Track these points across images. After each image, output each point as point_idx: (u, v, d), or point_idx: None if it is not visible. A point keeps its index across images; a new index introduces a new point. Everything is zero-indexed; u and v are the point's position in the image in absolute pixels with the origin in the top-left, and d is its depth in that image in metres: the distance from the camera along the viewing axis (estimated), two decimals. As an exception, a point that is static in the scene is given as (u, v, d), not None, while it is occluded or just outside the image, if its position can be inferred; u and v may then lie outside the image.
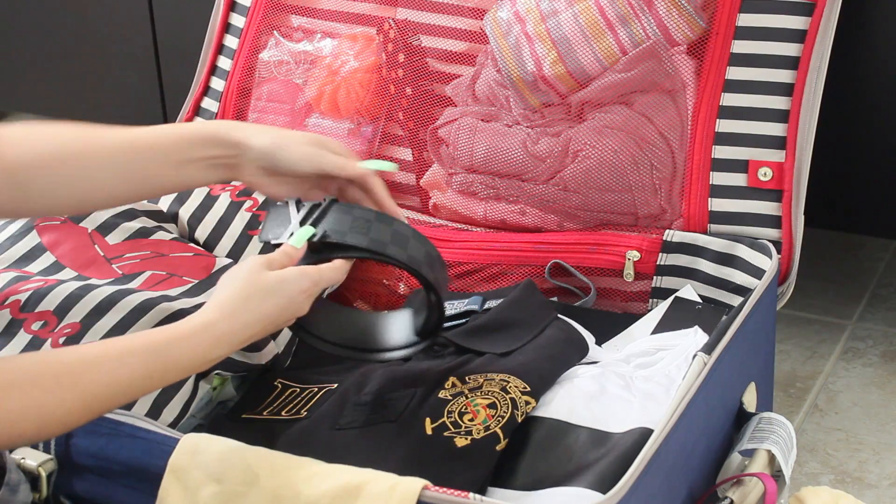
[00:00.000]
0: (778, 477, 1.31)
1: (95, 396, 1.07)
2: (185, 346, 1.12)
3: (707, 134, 1.53)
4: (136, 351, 1.10)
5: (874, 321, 1.94)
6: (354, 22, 1.71)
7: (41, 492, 1.18)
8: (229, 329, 1.14)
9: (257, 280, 1.17)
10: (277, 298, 1.17)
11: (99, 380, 1.07)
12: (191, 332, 1.13)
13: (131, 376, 1.09)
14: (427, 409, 1.29)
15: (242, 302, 1.16)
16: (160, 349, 1.11)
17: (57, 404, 1.05)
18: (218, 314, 1.15)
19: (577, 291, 1.57)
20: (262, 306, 1.16)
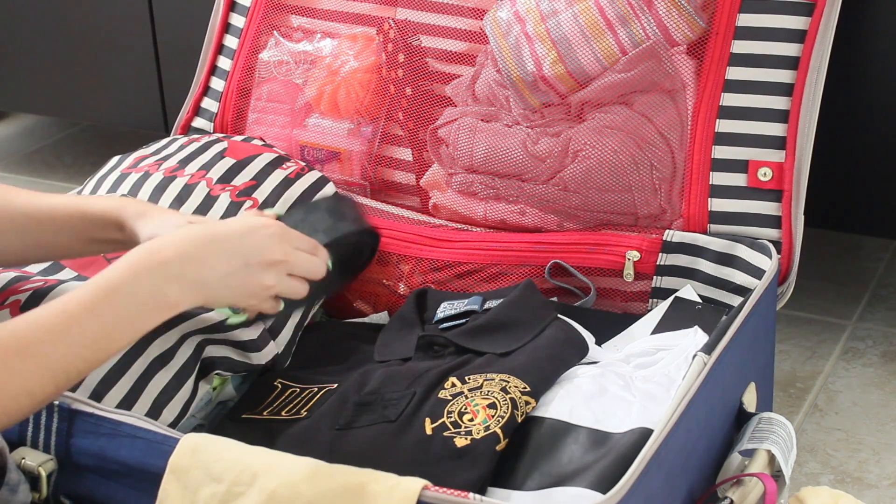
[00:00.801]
0: (778, 477, 1.31)
1: (52, 358, 1.03)
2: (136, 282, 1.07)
3: (707, 134, 1.53)
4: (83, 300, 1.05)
5: (874, 321, 1.94)
6: (354, 22, 1.71)
7: (41, 492, 1.18)
8: (182, 258, 1.09)
9: (213, 221, 1.15)
10: (232, 224, 1.14)
11: (50, 339, 1.03)
12: (141, 264, 1.08)
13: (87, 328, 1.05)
14: (427, 409, 1.29)
15: (198, 233, 1.12)
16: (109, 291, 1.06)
17: (11, 374, 1.01)
18: (169, 244, 1.10)
19: (577, 291, 1.57)
20: (219, 238, 1.12)
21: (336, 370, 1.44)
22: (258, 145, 1.66)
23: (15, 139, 2.68)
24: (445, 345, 1.42)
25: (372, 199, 1.69)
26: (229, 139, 1.67)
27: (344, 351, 1.49)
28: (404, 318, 1.50)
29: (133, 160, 1.63)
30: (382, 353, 1.45)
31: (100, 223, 1.27)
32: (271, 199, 1.56)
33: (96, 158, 2.54)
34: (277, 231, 1.17)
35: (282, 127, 1.74)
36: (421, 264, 1.61)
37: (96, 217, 1.27)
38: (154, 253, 1.09)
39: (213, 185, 1.56)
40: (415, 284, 1.60)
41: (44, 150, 2.63)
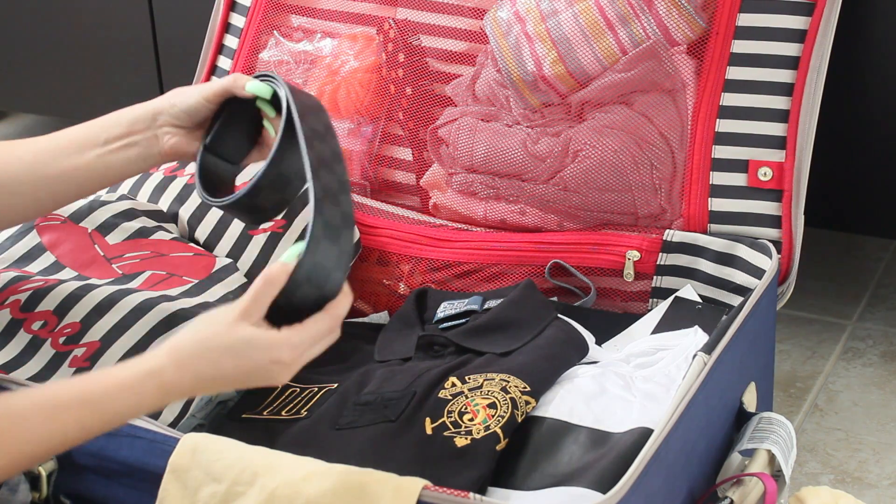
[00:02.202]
0: (778, 477, 1.31)
1: (23, 454, 1.01)
2: (125, 396, 1.03)
3: (707, 134, 1.53)
4: (70, 405, 1.02)
5: (874, 321, 1.94)
6: (354, 22, 1.71)
7: (41, 491, 1.17)
8: (177, 380, 1.04)
9: (224, 332, 1.05)
10: (239, 360, 1.05)
11: (28, 438, 1.01)
12: (134, 379, 1.04)
13: (64, 432, 1.02)
14: (427, 409, 1.29)
15: (199, 353, 1.05)
16: (96, 401, 1.03)
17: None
18: (167, 360, 1.05)
19: (577, 291, 1.57)
20: (219, 363, 1.05)
21: (336, 370, 1.44)
22: (258, 145, 1.65)
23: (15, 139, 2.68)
24: (445, 344, 1.42)
25: (372, 199, 1.69)
26: (229, 139, 1.67)
27: (344, 351, 1.49)
28: (404, 318, 1.50)
29: (133, 160, 1.62)
30: (382, 352, 1.45)
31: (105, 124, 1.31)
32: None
33: (96, 158, 2.54)
34: (286, 360, 1.07)
35: (282, 127, 1.74)
36: (421, 264, 1.61)
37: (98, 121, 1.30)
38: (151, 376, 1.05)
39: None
40: (415, 284, 1.60)
41: (44, 149, 2.62)
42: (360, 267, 1.63)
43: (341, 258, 1.11)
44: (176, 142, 1.29)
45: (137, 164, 1.28)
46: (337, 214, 1.12)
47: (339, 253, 1.11)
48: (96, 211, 1.48)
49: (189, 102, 1.29)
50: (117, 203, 1.51)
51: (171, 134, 1.29)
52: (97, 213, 1.48)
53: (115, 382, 1.04)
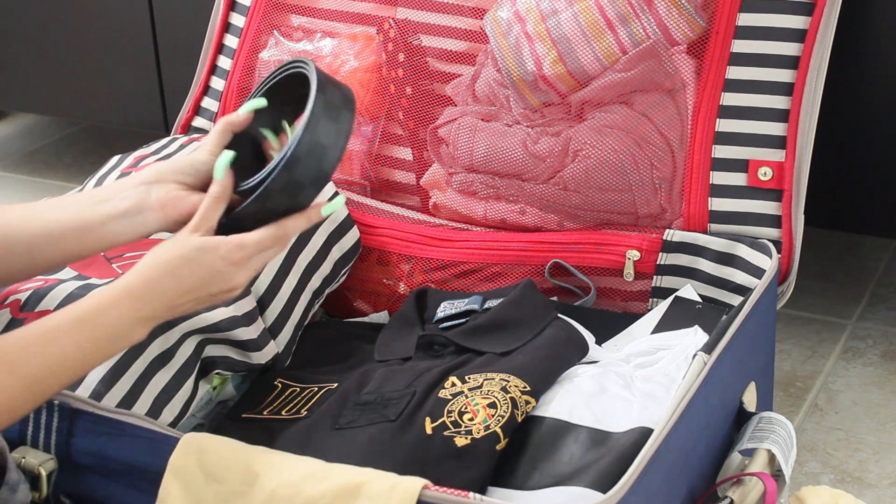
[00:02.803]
0: (778, 476, 1.31)
1: (34, 377, 1.07)
2: (110, 313, 1.11)
3: (707, 133, 1.53)
4: (61, 326, 1.09)
5: (874, 321, 1.94)
6: (354, 21, 1.71)
7: (41, 491, 1.17)
8: (149, 292, 1.12)
9: (178, 246, 1.14)
10: (194, 266, 1.14)
11: (32, 361, 1.07)
12: (113, 297, 1.11)
13: (63, 352, 1.09)
14: (427, 409, 1.29)
15: (161, 268, 1.13)
16: (86, 319, 1.10)
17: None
18: (136, 277, 1.13)
19: (577, 291, 1.57)
20: (178, 273, 1.13)
21: (336, 370, 1.44)
22: (258, 145, 1.65)
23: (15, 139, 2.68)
24: (445, 344, 1.42)
25: (372, 198, 1.69)
26: (229, 139, 1.66)
27: (344, 350, 1.49)
28: (404, 318, 1.50)
29: (133, 159, 1.62)
30: (382, 352, 1.45)
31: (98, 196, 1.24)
32: None
33: (96, 158, 2.54)
34: (234, 259, 1.15)
35: (282, 126, 1.74)
36: (421, 264, 1.61)
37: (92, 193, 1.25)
38: (127, 292, 1.13)
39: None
40: (415, 284, 1.60)
41: (44, 149, 2.63)
42: (359, 267, 1.63)
43: (339, 137, 1.14)
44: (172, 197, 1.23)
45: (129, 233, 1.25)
46: (338, 94, 1.15)
47: (336, 131, 1.14)
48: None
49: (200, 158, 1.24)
50: (117, 203, 1.50)
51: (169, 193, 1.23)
52: (97, 213, 1.48)
53: (99, 302, 1.11)
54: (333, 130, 1.15)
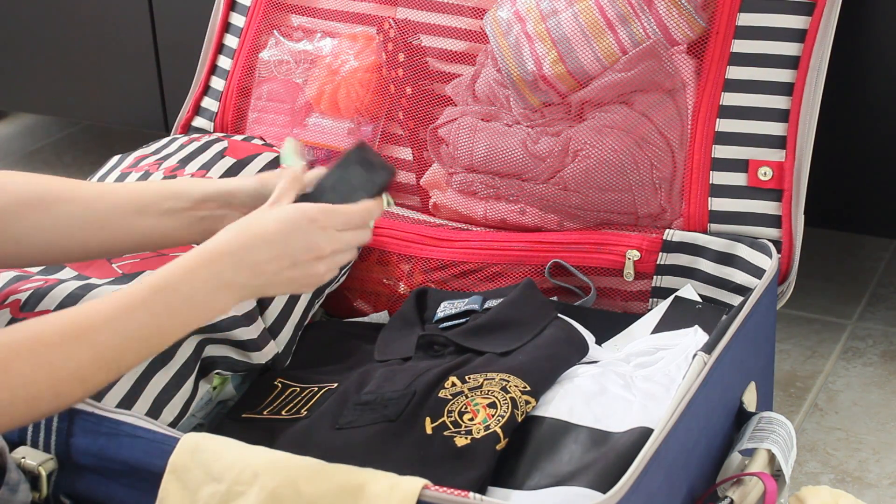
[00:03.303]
0: (778, 476, 1.31)
1: (106, 346, 1.05)
2: (186, 279, 1.09)
3: (707, 133, 1.53)
4: (136, 294, 1.07)
5: (874, 321, 1.94)
6: (354, 21, 1.71)
7: (41, 491, 1.17)
8: (231, 256, 1.11)
9: (261, 213, 1.14)
10: (281, 226, 1.13)
11: (104, 329, 1.05)
12: (189, 263, 1.09)
13: (138, 321, 1.07)
14: (427, 409, 1.29)
15: (243, 232, 1.12)
16: (160, 287, 1.08)
17: (66, 358, 1.03)
18: (215, 243, 1.11)
19: (577, 291, 1.57)
20: (266, 235, 1.12)
21: (336, 370, 1.44)
22: (258, 145, 1.66)
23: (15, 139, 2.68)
24: (445, 344, 1.42)
25: (372, 198, 1.69)
26: (229, 139, 1.67)
27: (344, 350, 1.49)
28: (404, 318, 1.50)
29: (133, 160, 1.63)
30: (382, 352, 1.45)
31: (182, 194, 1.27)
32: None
33: (96, 158, 2.54)
34: (321, 222, 1.16)
35: (282, 126, 1.74)
36: (421, 264, 1.61)
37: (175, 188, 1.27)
38: (207, 258, 1.11)
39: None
40: (415, 284, 1.60)
41: (44, 150, 2.63)
42: (359, 267, 1.63)
43: (369, 184, 1.20)
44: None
45: (193, 238, 1.28)
46: (376, 156, 1.23)
47: (368, 178, 1.20)
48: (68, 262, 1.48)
49: (253, 186, 1.27)
50: (117, 203, 1.50)
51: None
52: (97, 213, 1.48)
53: (174, 267, 1.09)
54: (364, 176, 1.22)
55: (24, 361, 1.01)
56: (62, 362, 1.03)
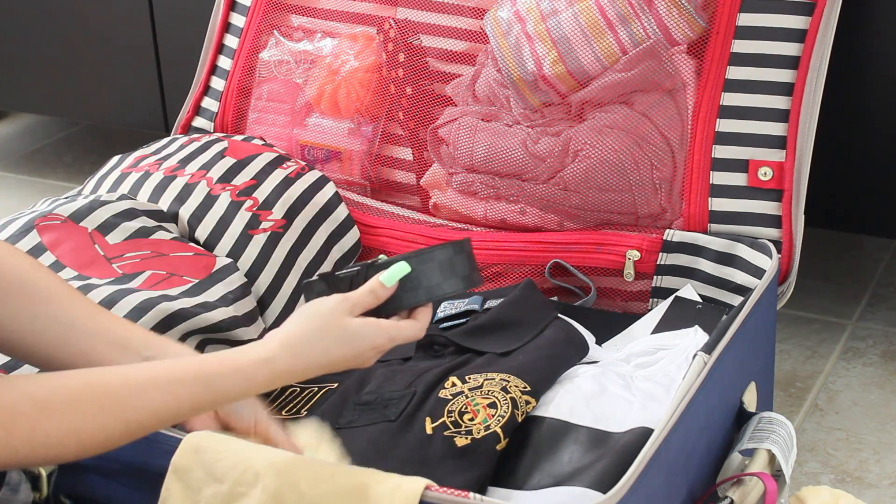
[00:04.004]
0: (778, 476, 1.31)
1: (139, 423, 1.05)
2: (238, 379, 1.08)
3: (707, 133, 1.53)
4: (185, 380, 1.06)
5: (874, 321, 1.94)
6: (354, 21, 1.71)
7: (41, 491, 1.17)
8: (289, 368, 1.10)
9: (335, 324, 1.12)
10: (347, 349, 1.12)
11: (144, 407, 1.05)
12: (248, 365, 1.09)
13: (178, 405, 1.06)
14: (427, 409, 1.29)
15: (312, 343, 1.11)
16: (211, 380, 1.08)
17: (98, 429, 1.03)
18: (281, 351, 1.10)
19: (578, 291, 1.57)
20: (329, 351, 1.12)
21: (336, 370, 1.44)
22: (258, 145, 1.66)
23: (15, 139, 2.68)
24: (446, 344, 1.42)
25: (372, 198, 1.69)
26: (230, 139, 1.67)
27: (344, 350, 1.49)
28: (404, 318, 1.50)
29: (133, 160, 1.63)
30: (383, 352, 1.45)
31: None
32: (271, 199, 1.56)
33: (96, 158, 2.54)
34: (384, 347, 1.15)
35: (282, 126, 1.74)
36: (421, 264, 1.61)
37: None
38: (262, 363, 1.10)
39: (213, 185, 1.56)
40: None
41: (44, 150, 2.63)
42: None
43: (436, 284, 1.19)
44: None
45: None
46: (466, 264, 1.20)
47: (436, 279, 1.19)
48: (96, 211, 1.48)
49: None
50: (117, 203, 1.51)
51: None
52: (97, 213, 1.48)
53: (229, 365, 1.08)
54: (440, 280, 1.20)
55: (56, 423, 1.01)
56: (93, 433, 1.03)
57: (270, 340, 1.11)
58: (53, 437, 1.01)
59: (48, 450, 1.01)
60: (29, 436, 1.00)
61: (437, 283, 1.19)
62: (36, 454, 1.01)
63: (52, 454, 1.02)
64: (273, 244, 1.53)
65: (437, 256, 1.20)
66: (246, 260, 1.51)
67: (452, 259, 1.20)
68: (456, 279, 1.20)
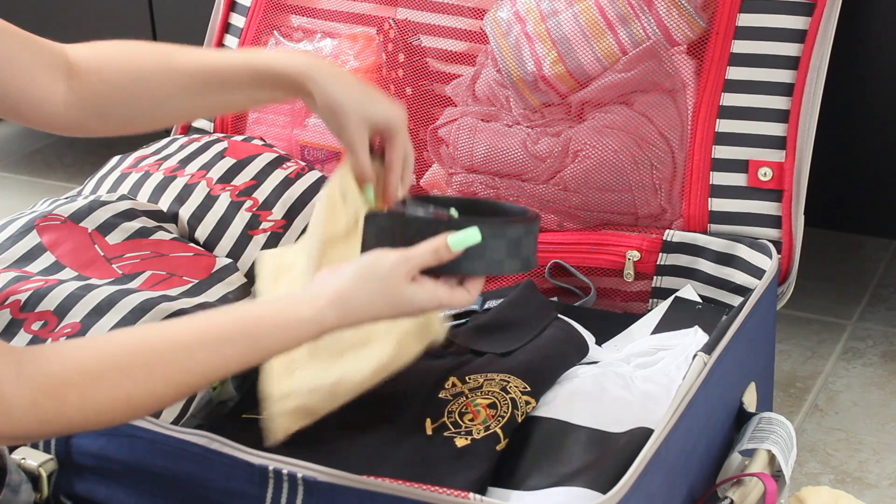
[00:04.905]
0: (778, 477, 1.31)
1: (188, 385, 1.06)
2: (286, 338, 1.09)
3: (707, 134, 1.53)
4: (233, 340, 1.07)
5: (874, 321, 1.94)
6: (354, 22, 1.71)
7: (42, 492, 1.18)
8: (336, 325, 1.11)
9: (392, 290, 1.13)
10: (397, 312, 1.14)
11: (192, 369, 1.05)
12: (296, 323, 1.09)
13: (226, 364, 1.07)
14: (427, 409, 1.29)
15: (363, 305, 1.11)
16: (259, 339, 1.08)
17: (147, 394, 1.04)
18: (330, 311, 1.10)
19: (577, 291, 1.57)
20: (380, 313, 1.12)
21: (336, 370, 1.44)
22: (258, 145, 1.66)
23: (15, 139, 2.68)
24: (446, 345, 1.42)
25: (372, 198, 1.69)
26: (229, 139, 1.67)
27: (344, 351, 1.49)
28: (404, 318, 1.50)
29: (133, 160, 1.63)
30: (383, 352, 1.45)
31: (269, 81, 1.30)
32: (271, 199, 1.56)
33: (96, 158, 2.54)
34: (432, 311, 1.17)
35: (282, 127, 1.74)
36: (421, 264, 1.61)
37: (265, 73, 1.30)
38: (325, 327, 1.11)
39: (213, 185, 1.56)
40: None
41: (44, 150, 2.63)
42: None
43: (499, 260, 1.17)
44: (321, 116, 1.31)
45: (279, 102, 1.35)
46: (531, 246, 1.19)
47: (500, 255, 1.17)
48: (96, 211, 1.48)
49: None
50: (117, 203, 1.51)
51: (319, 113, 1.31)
52: (97, 213, 1.48)
53: (277, 323, 1.09)
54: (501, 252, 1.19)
55: (105, 392, 1.02)
56: (143, 398, 1.04)
57: (318, 297, 1.10)
58: (104, 404, 1.02)
59: (100, 416, 1.02)
60: (80, 405, 1.01)
61: (500, 259, 1.17)
62: (88, 422, 1.02)
63: (104, 420, 1.03)
64: (273, 244, 1.53)
65: (508, 233, 1.17)
66: (246, 260, 1.51)
67: (521, 239, 1.18)
68: (518, 260, 1.18)
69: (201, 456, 1.15)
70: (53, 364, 1.01)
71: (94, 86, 1.27)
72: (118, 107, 1.30)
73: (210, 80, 1.30)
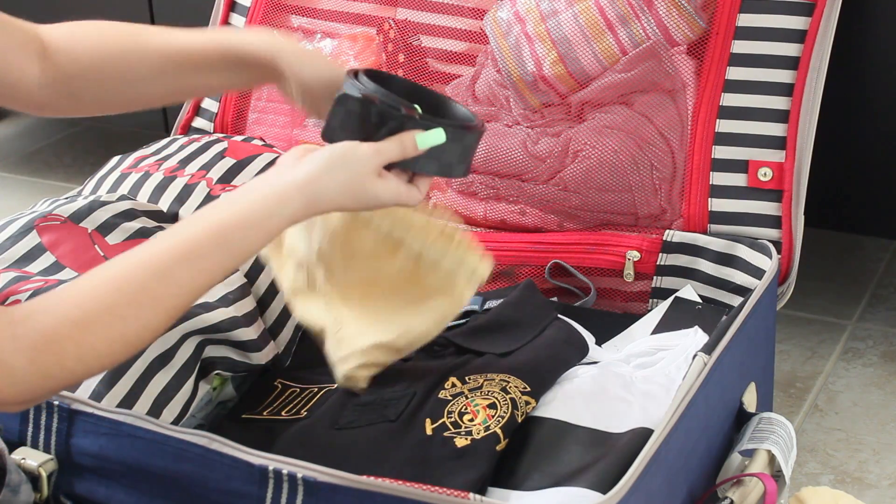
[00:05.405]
0: (778, 477, 1.31)
1: (179, 307, 1.07)
2: (257, 235, 1.10)
3: (707, 134, 1.53)
4: (207, 251, 1.07)
5: (874, 321, 1.94)
6: (354, 22, 1.71)
7: (42, 492, 1.17)
8: (302, 213, 1.12)
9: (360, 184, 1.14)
10: (359, 204, 1.15)
11: (177, 292, 1.06)
12: (268, 218, 1.10)
13: (210, 276, 1.07)
14: (427, 410, 1.29)
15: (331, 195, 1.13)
16: (234, 242, 1.09)
17: (141, 327, 1.04)
18: (298, 197, 1.12)
19: (577, 291, 1.57)
20: (343, 204, 1.14)
21: (336, 370, 1.44)
22: (258, 145, 1.66)
23: (15, 139, 2.68)
24: (445, 345, 1.42)
25: (372, 199, 1.69)
26: (230, 139, 1.67)
27: (344, 351, 1.49)
28: (404, 319, 1.50)
29: (133, 160, 1.63)
30: (382, 353, 1.45)
31: (243, 63, 1.29)
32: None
33: (96, 158, 2.54)
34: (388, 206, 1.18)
35: (282, 127, 1.74)
36: (421, 264, 1.61)
37: (239, 54, 1.29)
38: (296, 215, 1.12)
39: (213, 186, 1.56)
40: (415, 284, 1.60)
41: (44, 150, 2.63)
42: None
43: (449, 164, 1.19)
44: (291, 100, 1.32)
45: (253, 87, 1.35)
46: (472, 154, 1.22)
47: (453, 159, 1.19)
48: (96, 211, 1.48)
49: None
50: (117, 203, 1.51)
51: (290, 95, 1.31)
52: (97, 214, 1.48)
53: (250, 223, 1.09)
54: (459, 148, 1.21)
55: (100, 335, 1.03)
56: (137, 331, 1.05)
57: (288, 188, 1.12)
58: (101, 348, 1.03)
59: (100, 360, 1.03)
60: (78, 354, 1.02)
61: (451, 163, 1.19)
62: (90, 368, 1.03)
63: (106, 363, 1.04)
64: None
65: (465, 139, 1.19)
66: (246, 260, 1.51)
67: (472, 147, 1.20)
68: (464, 166, 1.20)
69: (201, 456, 1.15)
70: (43, 320, 1.01)
71: (65, 66, 1.28)
72: (89, 87, 1.29)
73: (183, 61, 1.29)
